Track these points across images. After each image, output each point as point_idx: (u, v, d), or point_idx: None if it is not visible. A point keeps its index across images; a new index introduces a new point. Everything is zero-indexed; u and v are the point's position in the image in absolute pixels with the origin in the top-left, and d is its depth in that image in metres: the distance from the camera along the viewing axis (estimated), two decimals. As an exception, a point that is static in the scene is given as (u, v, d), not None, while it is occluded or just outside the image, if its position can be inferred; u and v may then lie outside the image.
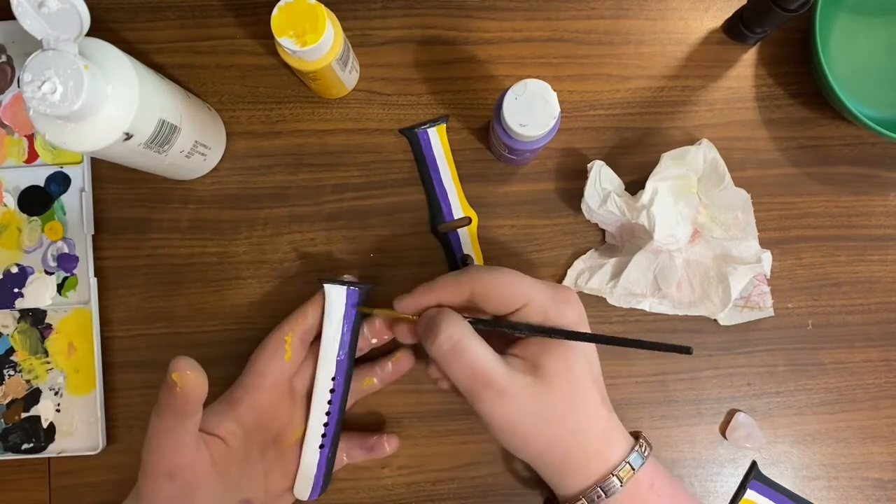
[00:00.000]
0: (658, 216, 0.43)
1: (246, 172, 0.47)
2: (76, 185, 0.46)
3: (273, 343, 0.41)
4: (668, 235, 0.43)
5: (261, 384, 0.41)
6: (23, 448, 0.45)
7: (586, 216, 0.46)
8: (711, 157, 0.45)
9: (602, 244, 0.47)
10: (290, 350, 0.41)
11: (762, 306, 0.46)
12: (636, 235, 0.45)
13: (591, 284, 0.45)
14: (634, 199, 0.44)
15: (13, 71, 0.47)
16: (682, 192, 0.44)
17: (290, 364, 0.41)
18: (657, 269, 0.44)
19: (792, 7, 0.40)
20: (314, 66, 0.40)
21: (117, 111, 0.34)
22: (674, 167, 0.44)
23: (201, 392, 0.34)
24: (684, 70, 0.47)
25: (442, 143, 0.47)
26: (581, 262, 0.46)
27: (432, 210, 0.47)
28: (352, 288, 0.41)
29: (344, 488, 0.46)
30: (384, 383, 0.45)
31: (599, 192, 0.44)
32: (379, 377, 0.44)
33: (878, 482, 0.46)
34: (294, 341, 0.41)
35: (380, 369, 0.44)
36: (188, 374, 0.33)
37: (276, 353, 0.41)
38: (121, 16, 0.47)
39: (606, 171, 0.44)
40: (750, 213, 0.46)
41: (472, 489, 0.46)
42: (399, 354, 0.45)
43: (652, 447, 0.38)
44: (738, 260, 0.44)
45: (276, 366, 0.41)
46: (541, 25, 0.47)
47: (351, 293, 0.42)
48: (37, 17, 0.32)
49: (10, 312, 0.46)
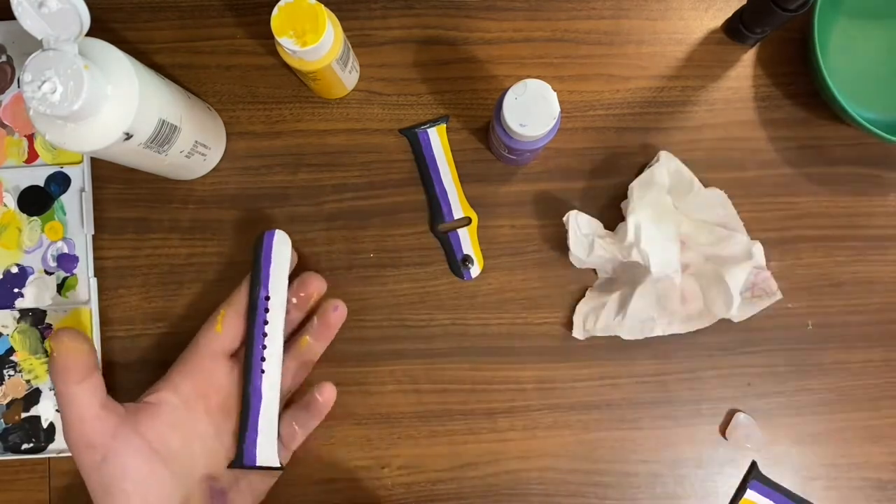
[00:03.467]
0: (649, 250, 0.43)
1: (246, 172, 0.47)
2: (76, 185, 0.46)
3: (209, 318, 0.43)
4: (664, 263, 0.43)
5: (191, 352, 0.42)
6: (23, 448, 0.45)
7: (577, 266, 0.46)
8: (674, 168, 0.45)
9: (597, 280, 0.47)
10: (221, 321, 0.42)
11: (769, 291, 0.46)
12: (630, 268, 0.45)
13: (600, 325, 0.45)
14: (620, 239, 0.44)
15: (13, 71, 0.47)
16: (661, 216, 0.44)
17: (221, 335, 0.42)
18: (660, 294, 0.44)
19: (791, 7, 0.40)
20: (314, 66, 0.40)
21: (117, 111, 0.34)
22: (645, 194, 0.44)
23: (78, 354, 0.37)
24: (684, 70, 0.47)
25: (442, 143, 0.47)
26: (583, 304, 0.46)
27: (432, 210, 0.47)
28: (269, 231, 0.42)
29: (344, 488, 0.46)
30: (321, 341, 0.44)
31: (583, 240, 0.44)
32: (311, 334, 0.44)
33: (878, 482, 0.46)
34: (228, 313, 0.42)
35: (310, 325, 0.44)
36: (61, 340, 0.36)
37: (209, 325, 0.42)
38: (121, 16, 0.47)
39: (583, 217, 0.44)
40: (729, 206, 0.45)
41: (472, 489, 0.46)
42: (323, 305, 0.44)
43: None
44: (730, 260, 0.44)
45: (206, 336, 0.42)
46: (541, 25, 0.47)
47: (268, 235, 0.42)
48: (37, 17, 0.32)
49: (10, 312, 0.46)
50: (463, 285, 0.47)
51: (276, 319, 0.42)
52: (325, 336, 0.44)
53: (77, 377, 0.37)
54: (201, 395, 0.41)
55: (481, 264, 0.47)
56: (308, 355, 0.44)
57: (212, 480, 0.40)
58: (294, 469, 0.45)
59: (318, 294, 0.44)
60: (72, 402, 0.37)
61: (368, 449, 0.46)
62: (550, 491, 0.46)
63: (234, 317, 0.42)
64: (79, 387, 0.37)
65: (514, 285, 0.47)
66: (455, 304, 0.47)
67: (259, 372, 0.41)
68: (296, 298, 0.43)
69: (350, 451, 0.46)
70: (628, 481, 0.46)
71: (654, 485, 0.46)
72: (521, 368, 0.46)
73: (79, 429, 0.37)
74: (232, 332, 0.42)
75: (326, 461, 0.46)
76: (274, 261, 0.42)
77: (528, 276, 0.47)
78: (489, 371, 0.46)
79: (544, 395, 0.46)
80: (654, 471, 0.46)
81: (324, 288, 0.45)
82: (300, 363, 0.44)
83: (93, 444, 0.37)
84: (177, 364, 0.42)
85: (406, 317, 0.46)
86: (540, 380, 0.46)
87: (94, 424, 0.37)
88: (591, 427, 0.46)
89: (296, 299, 0.43)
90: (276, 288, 0.42)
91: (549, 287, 0.47)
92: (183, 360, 0.42)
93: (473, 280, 0.47)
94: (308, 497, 0.46)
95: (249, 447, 0.41)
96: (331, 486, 0.46)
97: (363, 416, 0.46)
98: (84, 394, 0.37)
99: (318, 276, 0.44)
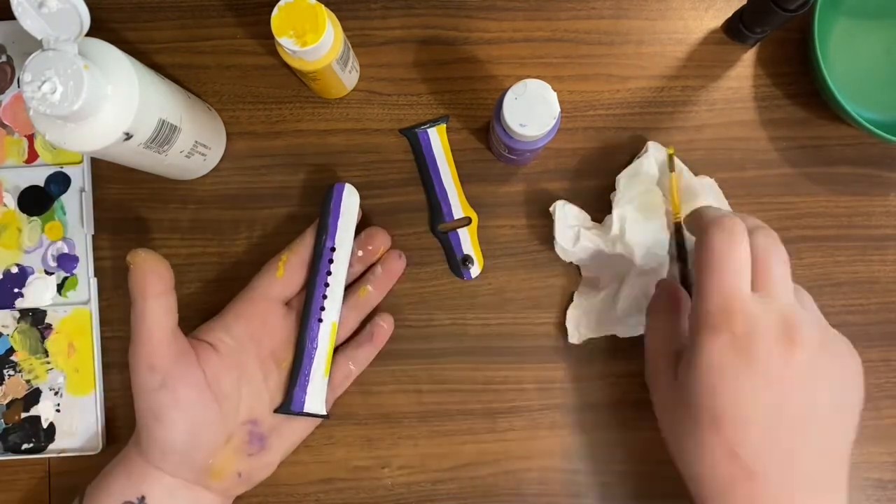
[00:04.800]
0: (634, 242, 0.42)
1: (246, 172, 0.47)
2: (76, 185, 0.46)
3: (268, 263, 0.43)
4: (649, 256, 0.43)
5: (248, 296, 0.42)
6: (23, 448, 0.45)
7: (562, 257, 0.45)
8: (662, 159, 0.45)
9: (580, 280, 0.47)
10: (282, 268, 0.42)
11: None
12: (614, 262, 0.45)
13: (594, 326, 0.45)
14: (606, 230, 0.44)
15: (13, 71, 0.47)
16: (649, 208, 0.44)
17: (281, 281, 0.42)
18: (647, 286, 0.44)
19: (791, 7, 0.40)
20: (314, 66, 0.40)
21: (117, 111, 0.34)
22: (632, 186, 0.44)
23: (157, 268, 0.37)
24: (684, 70, 0.47)
25: (442, 143, 0.47)
26: (573, 309, 0.46)
27: (432, 210, 0.47)
28: (339, 183, 0.43)
29: (344, 488, 0.46)
30: (380, 290, 0.45)
31: (569, 231, 0.44)
32: (373, 284, 0.44)
33: (878, 482, 0.46)
34: (291, 260, 0.42)
35: (371, 276, 0.45)
36: (139, 253, 0.37)
37: (269, 269, 0.43)
38: (121, 16, 0.47)
39: (570, 208, 0.44)
40: (721, 196, 0.45)
41: (472, 489, 0.46)
42: (387, 254, 0.45)
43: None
44: None
45: (265, 280, 0.42)
46: (541, 25, 0.47)
47: (338, 187, 0.43)
48: (37, 17, 0.32)
49: (10, 312, 0.46)
50: (463, 285, 0.47)
51: (339, 270, 0.42)
52: (385, 285, 0.45)
53: (155, 290, 0.37)
54: (254, 339, 0.41)
55: (481, 264, 0.47)
56: (366, 304, 0.45)
57: (253, 424, 0.41)
58: (294, 469, 0.45)
59: (384, 248, 0.45)
60: (146, 317, 0.37)
61: (368, 449, 0.46)
62: (550, 491, 0.46)
63: (297, 264, 0.42)
64: (156, 301, 0.37)
65: (514, 285, 0.47)
66: (455, 304, 0.47)
67: (317, 321, 0.42)
68: (362, 251, 0.44)
69: (350, 451, 0.46)
70: (628, 481, 0.46)
71: (654, 485, 0.46)
72: (521, 368, 0.46)
73: (147, 348, 0.37)
74: (293, 279, 0.42)
75: (326, 461, 0.46)
76: (343, 212, 0.43)
77: (528, 276, 0.47)
78: (489, 371, 0.46)
79: (544, 395, 0.46)
80: (653, 471, 0.46)
81: (389, 243, 0.45)
82: (357, 312, 0.45)
83: (155, 367, 0.37)
84: (231, 306, 0.42)
85: (406, 317, 0.46)
86: (540, 380, 0.46)
87: (162, 347, 0.37)
88: (591, 427, 0.46)
89: (362, 252, 0.44)
90: (343, 239, 0.43)
91: (550, 287, 0.47)
92: (238, 303, 0.42)
93: (473, 280, 0.47)
94: (308, 497, 0.46)
95: (299, 394, 0.42)
96: (331, 486, 0.46)
97: (363, 416, 0.46)
98: (159, 311, 0.37)
99: (384, 232, 0.45)
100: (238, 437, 0.40)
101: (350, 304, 0.44)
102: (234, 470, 0.40)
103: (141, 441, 0.38)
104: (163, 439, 0.37)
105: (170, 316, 0.38)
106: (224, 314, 0.42)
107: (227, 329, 0.41)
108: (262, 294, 0.42)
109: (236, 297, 0.43)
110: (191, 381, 0.38)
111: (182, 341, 0.39)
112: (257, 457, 0.41)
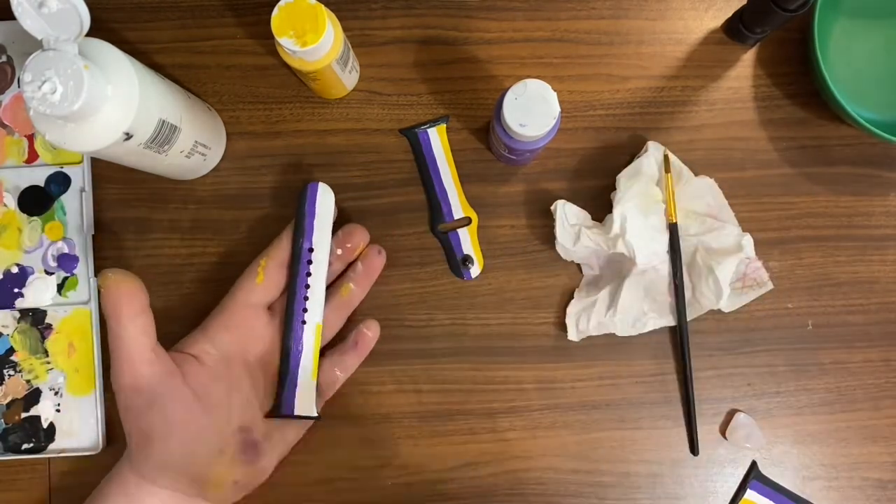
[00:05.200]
0: (634, 241, 0.43)
1: (246, 172, 0.47)
2: (76, 185, 0.46)
3: (247, 269, 0.43)
4: (649, 255, 0.43)
5: (229, 303, 0.42)
6: (23, 448, 0.45)
7: (563, 257, 0.46)
8: (663, 158, 0.45)
9: (582, 278, 0.47)
10: (262, 273, 0.42)
11: (760, 281, 0.46)
12: (615, 261, 0.45)
13: (593, 324, 0.45)
14: (606, 230, 0.44)
15: (13, 71, 0.47)
16: (649, 207, 0.44)
17: (261, 286, 0.42)
18: (647, 285, 0.44)
19: (791, 7, 0.40)
20: (314, 66, 0.40)
21: (117, 111, 0.34)
22: (632, 185, 0.44)
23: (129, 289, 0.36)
24: (684, 70, 0.47)
25: (442, 143, 0.47)
26: (573, 306, 0.46)
27: (432, 210, 0.47)
28: (312, 183, 0.43)
29: (344, 489, 0.46)
30: (362, 287, 0.45)
31: (570, 230, 0.44)
32: (354, 281, 0.44)
33: (878, 482, 0.46)
34: (269, 264, 0.42)
35: (353, 273, 0.44)
36: (108, 276, 0.36)
37: (248, 276, 0.42)
38: (121, 16, 0.47)
39: (570, 207, 0.44)
40: (720, 196, 0.45)
41: (472, 489, 0.46)
42: (366, 250, 0.45)
43: None
44: (721, 252, 0.44)
45: (245, 286, 0.42)
46: (541, 25, 0.47)
47: (311, 187, 0.42)
48: (37, 17, 0.32)
49: (10, 312, 0.46)
50: (463, 285, 0.47)
51: (318, 270, 0.42)
52: (367, 282, 0.45)
53: (129, 311, 0.36)
54: (239, 347, 0.41)
55: (481, 264, 0.47)
56: (349, 303, 0.45)
57: (245, 432, 0.40)
58: (294, 469, 0.45)
59: (363, 245, 0.45)
60: (122, 340, 0.36)
61: (368, 449, 0.46)
62: (550, 491, 0.46)
63: (276, 268, 0.42)
64: (131, 324, 0.36)
65: (514, 285, 0.47)
66: (455, 304, 0.47)
67: (300, 323, 0.42)
68: (341, 249, 0.44)
69: (350, 451, 0.46)
70: (628, 481, 0.46)
71: (654, 485, 0.46)
72: (521, 368, 0.46)
73: (129, 370, 0.36)
74: (273, 284, 0.42)
75: (326, 461, 0.46)
76: (318, 212, 0.43)
77: (528, 276, 0.47)
78: (489, 371, 0.46)
79: (544, 395, 0.46)
80: (653, 471, 0.46)
81: (367, 239, 0.45)
82: (341, 312, 0.44)
83: (140, 389, 0.36)
84: (214, 315, 0.42)
85: (406, 317, 0.46)
86: (540, 380, 0.46)
87: (143, 368, 0.37)
88: (591, 427, 0.46)
89: (341, 250, 0.44)
90: (320, 239, 0.43)
91: (550, 287, 0.47)
92: (220, 312, 0.42)
93: (473, 280, 0.47)
94: (308, 497, 0.46)
95: (288, 397, 0.42)
96: (331, 486, 0.46)
97: (363, 416, 0.46)
98: (136, 332, 0.36)
99: (362, 228, 0.45)
100: (232, 446, 0.40)
101: (334, 303, 0.44)
102: (231, 479, 0.40)
103: (134, 460, 0.38)
104: (157, 457, 0.37)
105: (147, 336, 0.37)
106: (206, 324, 0.42)
107: (210, 340, 0.41)
108: (243, 301, 0.42)
109: (218, 306, 0.42)
110: (178, 397, 0.38)
111: (164, 358, 0.38)
112: (252, 464, 0.41)
